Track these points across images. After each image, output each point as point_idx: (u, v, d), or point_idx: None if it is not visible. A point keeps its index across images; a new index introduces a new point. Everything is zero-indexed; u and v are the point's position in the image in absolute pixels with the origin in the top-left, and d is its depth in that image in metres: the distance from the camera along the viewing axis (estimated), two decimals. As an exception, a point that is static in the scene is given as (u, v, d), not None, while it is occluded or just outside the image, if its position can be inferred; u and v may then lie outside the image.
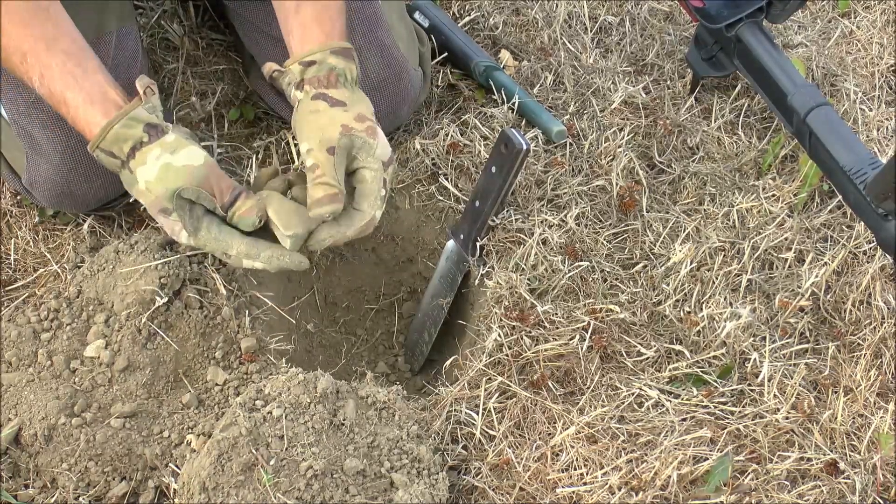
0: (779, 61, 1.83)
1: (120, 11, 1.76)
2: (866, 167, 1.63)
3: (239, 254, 1.47)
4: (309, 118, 1.53)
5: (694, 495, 1.51)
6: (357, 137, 1.52)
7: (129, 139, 1.47)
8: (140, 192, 1.48)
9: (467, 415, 1.60)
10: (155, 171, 1.46)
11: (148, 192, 1.47)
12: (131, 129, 1.47)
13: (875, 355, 1.68)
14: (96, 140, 1.48)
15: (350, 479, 1.45)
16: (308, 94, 1.56)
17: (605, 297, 1.71)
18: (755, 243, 1.79)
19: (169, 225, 1.49)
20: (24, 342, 1.62)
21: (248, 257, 1.46)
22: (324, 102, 1.54)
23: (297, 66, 1.57)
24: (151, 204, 1.48)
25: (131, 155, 1.47)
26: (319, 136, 1.50)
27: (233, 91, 2.07)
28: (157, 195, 1.46)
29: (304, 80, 1.57)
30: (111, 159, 1.49)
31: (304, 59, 1.57)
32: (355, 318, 1.98)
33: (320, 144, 1.50)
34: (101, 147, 1.48)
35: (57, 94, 1.48)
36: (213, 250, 1.49)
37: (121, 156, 1.48)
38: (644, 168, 1.91)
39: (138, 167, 1.47)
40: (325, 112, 1.53)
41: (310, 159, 1.50)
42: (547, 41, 2.16)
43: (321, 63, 1.57)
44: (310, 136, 1.51)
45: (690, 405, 1.60)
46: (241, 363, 1.64)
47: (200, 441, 1.53)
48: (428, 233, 1.93)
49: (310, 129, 1.52)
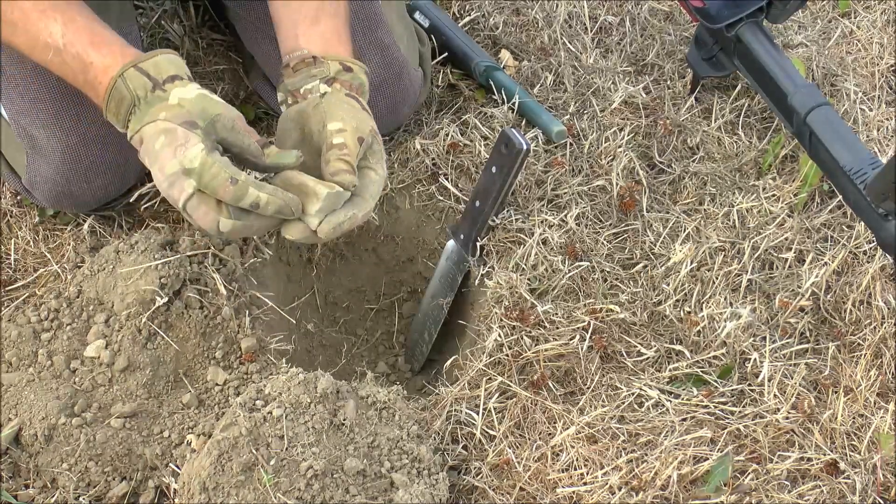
0: (779, 61, 1.83)
1: (120, 11, 1.76)
2: (866, 167, 1.63)
3: (247, 180, 1.41)
4: (345, 106, 1.54)
5: (694, 495, 1.51)
6: (377, 143, 1.56)
7: (172, 71, 1.46)
8: (168, 106, 1.43)
9: (467, 415, 1.60)
10: (194, 94, 1.45)
11: (179, 106, 1.43)
12: (175, 66, 1.47)
13: (875, 355, 1.68)
14: (137, 59, 1.45)
15: (350, 479, 1.45)
16: (339, 90, 1.57)
17: (606, 297, 1.71)
18: (755, 243, 1.79)
19: (183, 135, 1.41)
20: (24, 342, 1.62)
21: (256, 186, 1.41)
22: (357, 103, 1.57)
23: (337, 63, 1.59)
24: (178, 115, 1.42)
25: (169, 80, 1.45)
26: (355, 123, 1.52)
27: (233, 91, 2.07)
28: (191, 110, 1.42)
29: (336, 78, 1.58)
30: (141, 79, 1.44)
31: (344, 61, 1.60)
32: (355, 318, 1.99)
33: (354, 130, 1.50)
34: (139, 66, 1.44)
35: (83, 40, 1.46)
36: (218, 172, 1.40)
37: (157, 77, 1.44)
38: (644, 168, 1.91)
39: (174, 88, 1.44)
40: (359, 110, 1.56)
41: (339, 138, 1.49)
42: (547, 41, 2.16)
43: (356, 74, 1.60)
44: (345, 119, 1.51)
45: (690, 405, 1.60)
46: (242, 363, 1.65)
47: (200, 441, 1.53)
48: (428, 233, 1.93)
49: (346, 114, 1.52)
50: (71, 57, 1.47)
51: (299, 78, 1.59)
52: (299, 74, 1.59)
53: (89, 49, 1.46)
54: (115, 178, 1.75)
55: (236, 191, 1.40)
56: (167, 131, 1.41)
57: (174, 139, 1.41)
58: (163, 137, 1.41)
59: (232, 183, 1.39)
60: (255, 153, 1.47)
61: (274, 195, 1.42)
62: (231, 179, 1.39)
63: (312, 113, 1.54)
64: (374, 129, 1.55)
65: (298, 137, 1.55)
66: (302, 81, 1.58)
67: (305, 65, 1.59)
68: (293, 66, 1.59)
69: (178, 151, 1.40)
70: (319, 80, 1.58)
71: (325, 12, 1.63)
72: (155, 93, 1.44)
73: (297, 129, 1.56)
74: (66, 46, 1.47)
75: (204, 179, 1.40)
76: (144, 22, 2.07)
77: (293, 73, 1.59)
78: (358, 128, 1.51)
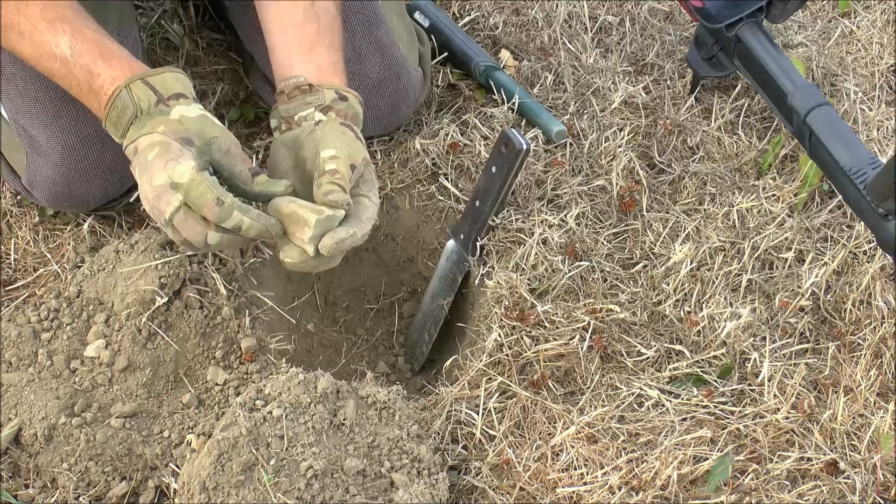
0: (779, 61, 1.83)
1: (120, 11, 1.76)
2: (866, 167, 1.63)
3: (233, 203, 1.42)
4: (339, 135, 1.55)
5: (694, 495, 1.51)
6: (370, 172, 1.56)
7: (178, 88, 1.47)
8: (169, 120, 1.45)
9: (467, 415, 1.60)
10: (196, 113, 1.47)
11: (179, 122, 1.44)
12: (181, 84, 1.49)
13: (875, 355, 1.68)
14: (145, 73, 1.46)
15: (350, 479, 1.45)
16: (334, 119, 1.58)
17: (605, 297, 1.71)
18: (755, 243, 1.79)
19: (177, 150, 1.42)
20: (24, 342, 1.62)
21: (241, 210, 1.42)
22: (351, 132, 1.58)
23: (332, 92, 1.60)
24: (177, 131, 1.44)
25: (174, 98, 1.47)
26: (348, 151, 1.53)
27: (233, 91, 2.07)
28: (189, 128, 1.44)
29: (332, 106, 1.59)
30: (147, 92, 1.45)
31: (340, 90, 1.60)
32: (355, 318, 1.99)
33: (347, 158, 1.52)
34: (147, 79, 1.46)
35: (93, 52, 1.47)
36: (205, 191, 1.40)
37: (163, 93, 1.46)
38: (644, 168, 1.91)
39: (177, 105, 1.46)
40: (353, 139, 1.57)
41: (332, 164, 1.51)
42: (547, 41, 2.16)
43: (351, 104, 1.61)
44: (338, 147, 1.53)
45: (690, 405, 1.60)
46: (242, 363, 1.65)
47: (200, 441, 1.53)
48: (428, 233, 1.93)
49: (340, 142, 1.54)
50: (78, 67, 1.48)
51: (294, 105, 1.59)
52: (294, 101, 1.59)
53: (98, 61, 1.48)
54: (114, 178, 1.75)
55: (221, 212, 1.41)
56: (162, 144, 1.43)
57: (167, 152, 1.42)
58: (157, 149, 1.42)
59: (218, 204, 1.40)
60: (245, 179, 1.48)
61: (257, 220, 1.44)
62: (217, 200, 1.41)
63: (306, 140, 1.55)
64: (367, 159, 1.56)
65: (291, 164, 1.56)
66: (296, 108, 1.59)
67: (301, 92, 1.59)
68: (288, 92, 1.60)
69: (169, 165, 1.41)
70: (315, 108, 1.58)
71: (321, 42, 1.64)
72: (158, 107, 1.45)
73: (290, 156, 1.57)
74: (73, 57, 1.48)
75: (191, 196, 1.41)
76: (144, 22, 2.07)
77: (287, 99, 1.60)
78: (351, 156, 1.53)
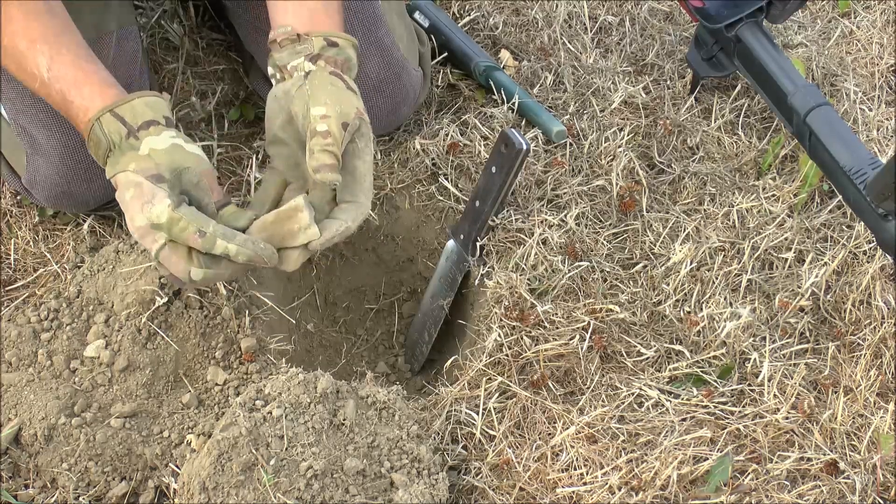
0: (779, 61, 1.83)
1: (120, 11, 1.76)
2: (866, 167, 1.63)
3: (215, 232, 1.41)
4: (328, 88, 1.52)
5: (694, 495, 1.51)
6: (365, 125, 1.53)
7: (148, 116, 1.45)
8: (138, 157, 1.43)
9: (467, 415, 1.60)
10: (166, 145, 1.44)
11: (149, 158, 1.43)
12: (152, 109, 1.46)
13: (875, 355, 1.68)
14: (114, 104, 1.45)
15: (350, 479, 1.45)
16: (324, 68, 1.54)
17: (605, 297, 1.71)
18: (755, 243, 1.79)
19: (149, 191, 1.42)
20: (24, 342, 1.62)
21: (224, 238, 1.41)
22: (341, 82, 1.54)
23: (321, 39, 1.56)
24: (146, 169, 1.42)
25: (144, 127, 1.44)
26: (338, 108, 1.49)
27: (233, 91, 2.07)
28: (160, 162, 1.43)
29: (321, 55, 1.55)
30: (116, 125, 1.44)
31: (329, 36, 1.56)
32: (355, 318, 1.99)
33: (338, 116, 1.48)
34: (115, 111, 1.44)
35: (68, 77, 1.46)
36: (186, 226, 1.40)
37: (132, 124, 1.44)
38: (644, 168, 1.91)
39: (147, 137, 1.44)
40: (343, 90, 1.53)
41: (323, 125, 1.47)
42: (547, 41, 2.16)
43: (342, 49, 1.57)
44: (328, 104, 1.49)
45: (690, 405, 1.60)
46: (241, 363, 1.65)
47: (200, 441, 1.53)
48: (428, 233, 1.93)
49: (329, 97, 1.50)
50: (55, 91, 1.48)
51: (285, 54, 1.57)
52: (285, 50, 1.57)
53: (72, 88, 1.47)
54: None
55: (205, 242, 1.41)
56: (135, 185, 1.42)
57: (141, 194, 1.42)
58: (132, 190, 1.43)
59: (200, 236, 1.40)
60: (211, 214, 1.46)
61: (244, 246, 1.42)
62: (199, 232, 1.40)
63: (296, 95, 1.52)
64: (360, 111, 1.51)
65: (285, 119, 1.54)
66: (287, 58, 1.56)
67: (290, 41, 1.57)
68: (279, 41, 1.57)
69: (145, 208, 1.41)
70: (304, 58, 1.55)
71: None
72: (129, 140, 1.44)
73: (282, 111, 1.54)
74: (50, 81, 1.47)
75: (173, 232, 1.41)
76: (144, 22, 2.07)
77: (280, 48, 1.57)
78: (342, 112, 1.49)
